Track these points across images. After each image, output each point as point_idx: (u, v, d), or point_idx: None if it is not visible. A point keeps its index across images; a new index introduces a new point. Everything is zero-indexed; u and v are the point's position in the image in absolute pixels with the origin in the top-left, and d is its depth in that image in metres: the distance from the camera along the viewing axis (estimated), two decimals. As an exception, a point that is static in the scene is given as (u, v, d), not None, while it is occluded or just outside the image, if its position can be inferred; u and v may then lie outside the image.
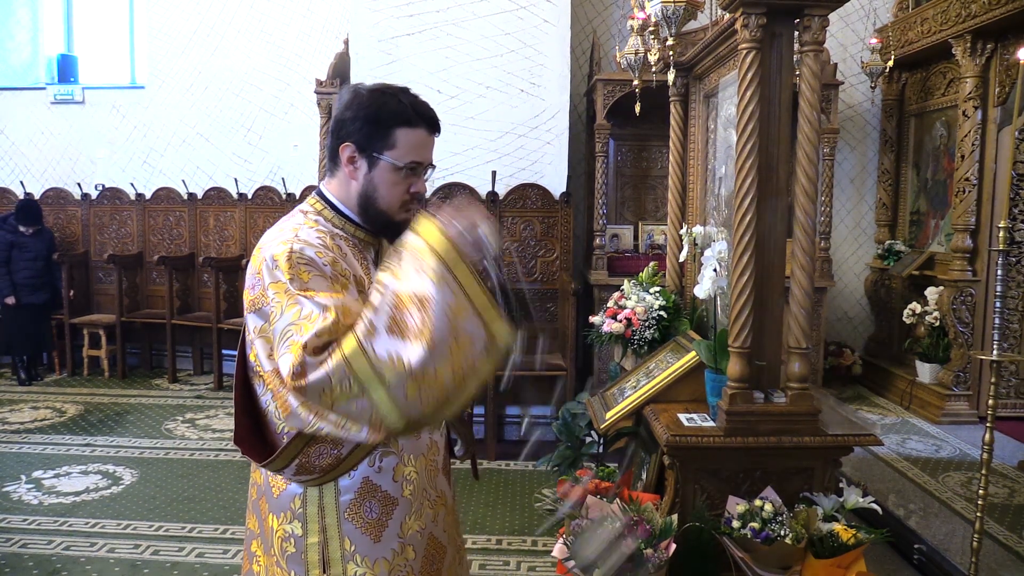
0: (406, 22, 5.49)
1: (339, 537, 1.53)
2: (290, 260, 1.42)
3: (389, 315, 1.34)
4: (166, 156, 7.35)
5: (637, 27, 3.79)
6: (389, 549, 1.56)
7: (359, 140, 1.53)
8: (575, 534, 2.68)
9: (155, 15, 7.26)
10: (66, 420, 5.59)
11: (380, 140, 1.52)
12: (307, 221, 1.55)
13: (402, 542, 1.57)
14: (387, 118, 1.52)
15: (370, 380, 1.32)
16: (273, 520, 1.58)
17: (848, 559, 2.55)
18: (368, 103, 1.53)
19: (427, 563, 1.63)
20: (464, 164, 5.50)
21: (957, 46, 5.33)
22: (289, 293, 1.40)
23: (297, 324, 1.36)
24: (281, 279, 1.41)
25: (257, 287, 1.47)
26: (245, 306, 1.51)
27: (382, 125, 1.52)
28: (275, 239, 1.49)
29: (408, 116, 1.53)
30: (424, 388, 1.34)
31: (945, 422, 5.30)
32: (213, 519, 3.88)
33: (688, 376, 3.08)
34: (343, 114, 1.55)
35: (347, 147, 1.54)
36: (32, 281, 6.60)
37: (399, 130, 1.52)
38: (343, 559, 1.54)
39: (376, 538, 1.54)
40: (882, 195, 6.71)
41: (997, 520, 3.72)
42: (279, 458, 1.49)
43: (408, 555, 1.58)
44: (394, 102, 1.53)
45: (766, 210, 2.74)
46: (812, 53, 2.63)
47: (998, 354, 2.67)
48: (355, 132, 1.53)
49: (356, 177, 1.56)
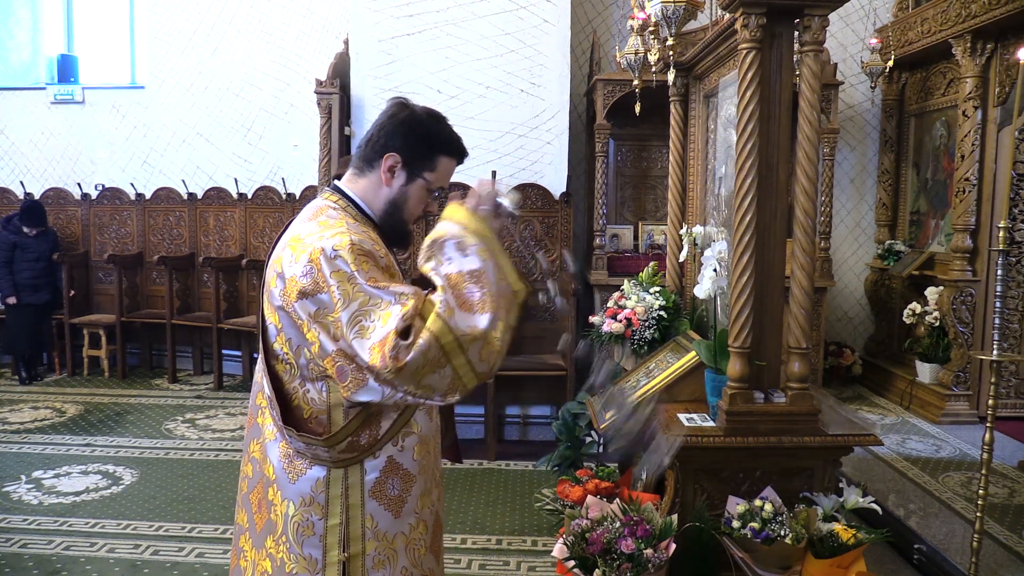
0: (406, 22, 5.49)
1: (361, 516, 1.64)
2: (352, 251, 1.53)
3: (454, 295, 1.52)
4: (166, 156, 7.35)
5: (637, 27, 3.79)
6: (407, 524, 1.69)
7: (406, 155, 1.68)
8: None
9: (155, 15, 7.26)
10: (66, 420, 5.59)
11: (425, 161, 1.69)
12: (345, 215, 1.67)
13: (418, 516, 1.71)
14: (437, 144, 1.70)
15: (454, 351, 1.49)
16: (288, 506, 1.65)
17: (848, 559, 2.55)
18: (422, 124, 1.69)
19: (434, 538, 1.76)
20: (464, 164, 5.48)
21: (957, 46, 5.33)
22: (353, 281, 1.51)
23: (367, 311, 1.49)
24: (344, 268, 1.52)
25: (309, 275, 1.54)
26: (290, 295, 1.57)
27: (431, 148, 1.69)
28: (326, 232, 1.58)
29: (454, 148, 1.73)
30: (490, 348, 1.53)
31: (945, 422, 5.30)
32: (213, 519, 3.88)
33: (688, 376, 3.08)
34: (394, 127, 1.68)
35: (392, 157, 1.67)
36: (34, 281, 6.61)
37: (443, 157, 1.71)
38: (363, 537, 1.64)
39: (396, 513, 1.67)
40: (882, 195, 6.71)
41: (997, 520, 3.72)
42: (341, 431, 1.60)
43: (421, 530, 1.72)
44: (446, 132, 1.72)
45: (766, 210, 2.74)
46: (812, 53, 2.63)
47: (998, 354, 2.67)
48: (404, 147, 1.67)
49: (391, 185, 1.70)
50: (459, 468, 4.66)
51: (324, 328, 1.53)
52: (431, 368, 1.48)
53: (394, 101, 1.73)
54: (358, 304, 1.49)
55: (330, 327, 1.52)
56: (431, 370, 1.48)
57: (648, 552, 2.54)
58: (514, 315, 1.60)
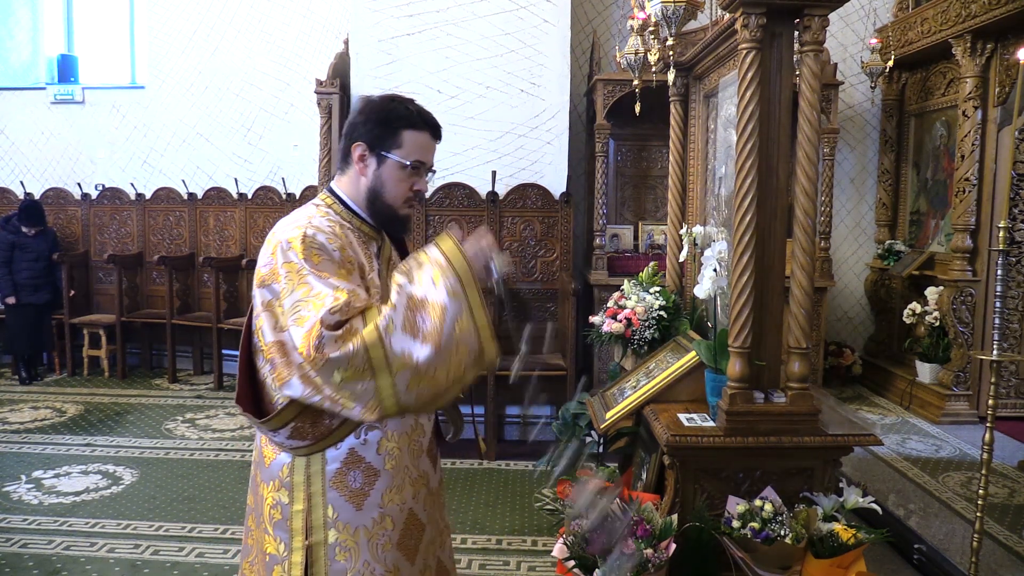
0: (406, 22, 5.49)
1: (323, 505, 1.67)
2: (304, 243, 1.59)
3: (404, 315, 1.52)
4: (166, 156, 7.35)
5: (637, 27, 3.79)
6: (369, 518, 1.69)
7: (370, 140, 1.70)
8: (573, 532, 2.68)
9: (155, 15, 7.26)
10: (66, 420, 5.59)
11: (389, 140, 1.69)
12: (319, 211, 1.72)
13: (382, 512, 1.70)
14: (395, 120, 1.69)
15: (381, 368, 1.49)
16: (264, 489, 1.74)
17: (848, 559, 2.55)
18: (379, 107, 1.70)
19: (405, 536, 1.75)
20: (464, 164, 5.50)
21: (957, 46, 5.33)
22: (300, 273, 1.56)
23: (306, 301, 1.52)
24: (294, 260, 1.57)
25: (268, 266, 1.62)
26: (255, 283, 1.66)
27: (391, 126, 1.69)
28: (290, 224, 1.65)
29: (414, 119, 1.70)
30: (423, 384, 1.53)
31: (945, 422, 5.30)
32: (213, 519, 3.89)
33: (688, 376, 3.08)
34: (355, 118, 1.72)
35: (358, 146, 1.71)
36: (33, 281, 6.62)
37: (406, 131, 1.69)
38: (325, 525, 1.67)
39: (358, 506, 1.68)
40: (882, 195, 6.71)
41: (997, 520, 3.72)
42: (275, 418, 1.63)
43: (386, 525, 1.71)
44: (402, 107, 1.71)
45: (766, 210, 2.74)
46: (812, 53, 2.63)
47: (998, 354, 2.67)
48: (366, 133, 1.70)
49: (366, 173, 1.72)
50: (459, 468, 4.67)
51: (271, 317, 1.59)
52: (354, 376, 1.49)
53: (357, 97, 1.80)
54: (300, 294, 1.53)
55: (277, 316, 1.58)
56: (353, 378, 1.49)
57: (648, 552, 2.54)
58: (472, 373, 1.59)
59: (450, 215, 5.52)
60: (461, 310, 1.54)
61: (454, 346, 1.53)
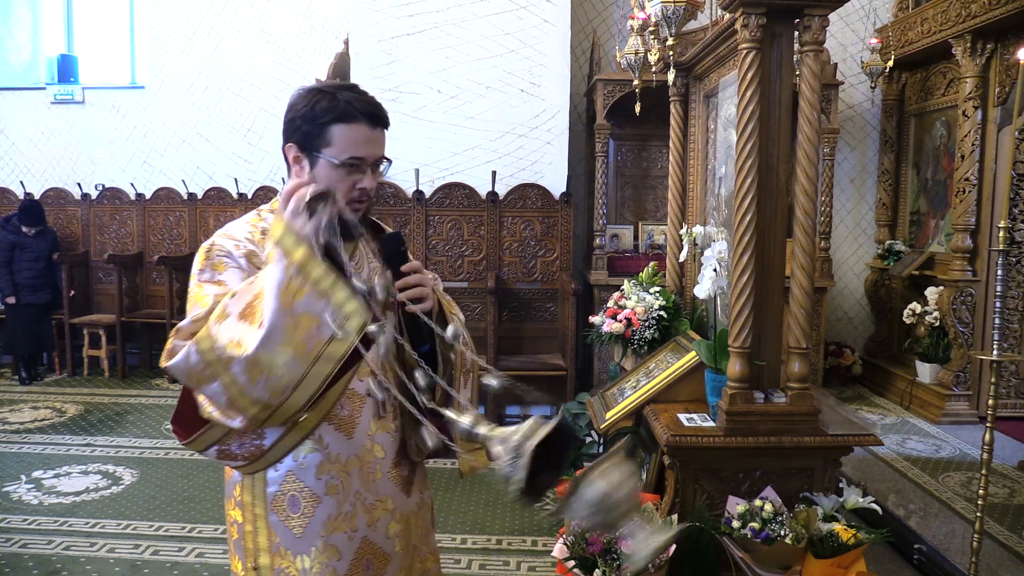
0: (406, 22, 5.49)
1: (266, 528, 1.58)
2: (208, 253, 1.53)
3: (246, 302, 1.34)
4: (166, 156, 7.35)
5: (637, 27, 3.79)
6: (310, 546, 1.56)
7: (299, 140, 1.53)
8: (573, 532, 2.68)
9: (155, 15, 7.26)
10: (66, 420, 5.59)
11: (317, 138, 1.51)
12: (253, 217, 1.62)
13: (325, 541, 1.57)
14: (321, 116, 1.50)
15: (215, 363, 1.33)
16: (227, 505, 1.67)
17: (848, 559, 2.55)
18: (304, 103, 1.53)
19: (357, 567, 1.60)
20: (464, 164, 5.50)
21: (957, 46, 5.33)
22: (198, 283, 1.50)
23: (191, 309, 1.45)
24: (198, 266, 1.52)
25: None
26: None
27: (317, 122, 1.51)
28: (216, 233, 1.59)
29: (341, 112, 1.50)
30: (265, 371, 1.33)
31: (945, 422, 5.30)
32: (213, 519, 3.88)
33: (688, 376, 3.08)
34: (286, 115, 1.56)
35: (290, 147, 1.55)
36: (33, 281, 6.62)
37: (334, 127, 1.50)
38: (269, 550, 1.58)
39: (299, 533, 1.56)
40: (882, 195, 6.71)
41: (997, 520, 3.72)
42: (197, 441, 1.52)
43: (331, 555, 1.57)
44: (327, 100, 1.51)
45: (766, 210, 2.74)
46: (812, 53, 2.63)
47: (998, 354, 2.67)
48: (295, 132, 1.53)
49: (302, 176, 1.54)
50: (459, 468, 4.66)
51: None
52: (203, 380, 1.36)
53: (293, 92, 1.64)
54: (191, 300, 1.48)
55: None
56: (203, 380, 1.36)
57: (648, 552, 2.54)
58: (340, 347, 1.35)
59: (450, 215, 5.52)
60: (285, 276, 1.31)
61: (289, 319, 1.31)
